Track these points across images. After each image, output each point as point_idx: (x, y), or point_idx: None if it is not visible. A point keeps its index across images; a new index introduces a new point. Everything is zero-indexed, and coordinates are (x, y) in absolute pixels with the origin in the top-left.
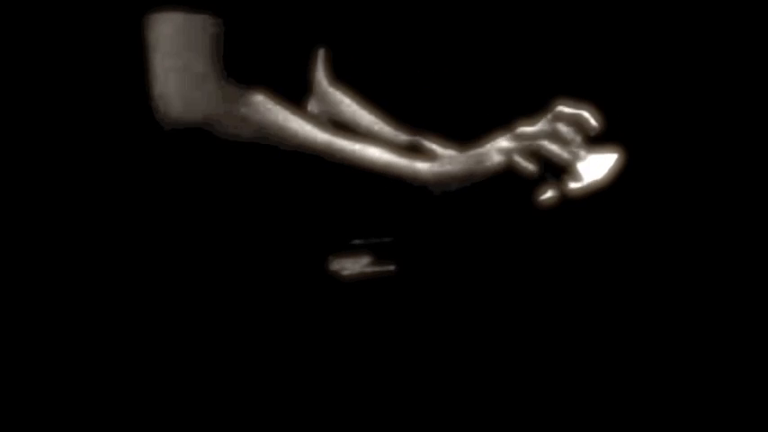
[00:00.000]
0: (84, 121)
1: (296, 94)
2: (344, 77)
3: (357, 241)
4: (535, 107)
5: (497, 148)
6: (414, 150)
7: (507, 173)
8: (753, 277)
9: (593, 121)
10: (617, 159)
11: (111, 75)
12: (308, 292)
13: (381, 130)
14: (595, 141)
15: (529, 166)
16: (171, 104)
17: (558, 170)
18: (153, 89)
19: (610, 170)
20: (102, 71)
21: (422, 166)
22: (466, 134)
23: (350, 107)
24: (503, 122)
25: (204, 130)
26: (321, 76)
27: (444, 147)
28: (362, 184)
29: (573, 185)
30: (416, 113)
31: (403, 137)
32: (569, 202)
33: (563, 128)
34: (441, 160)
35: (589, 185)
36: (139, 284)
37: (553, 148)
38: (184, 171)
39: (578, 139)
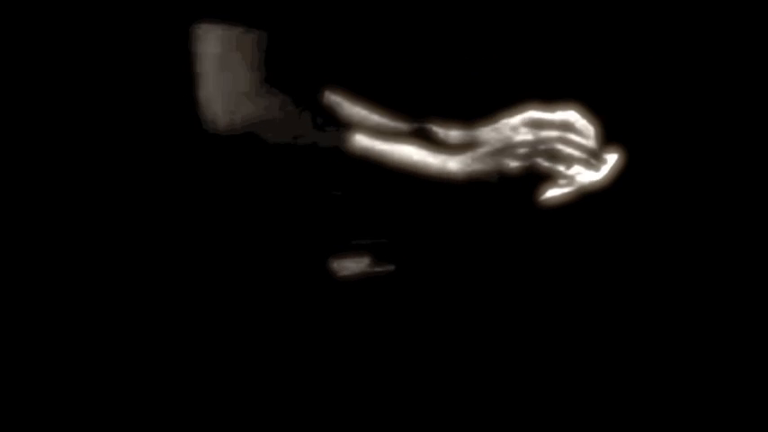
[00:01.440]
0: (130, 122)
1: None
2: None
3: (357, 241)
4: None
5: (518, 144)
6: (421, 136)
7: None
8: (753, 277)
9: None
10: (617, 159)
11: (158, 80)
12: (310, 290)
13: (388, 124)
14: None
15: (552, 166)
16: (216, 114)
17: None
18: (200, 98)
19: (610, 170)
20: (151, 77)
21: (453, 164)
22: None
23: (353, 110)
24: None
25: (246, 135)
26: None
27: (447, 128)
28: (388, 182)
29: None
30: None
31: (409, 126)
32: (569, 202)
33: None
34: (470, 158)
35: (589, 185)
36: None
37: (569, 151)
38: (215, 168)
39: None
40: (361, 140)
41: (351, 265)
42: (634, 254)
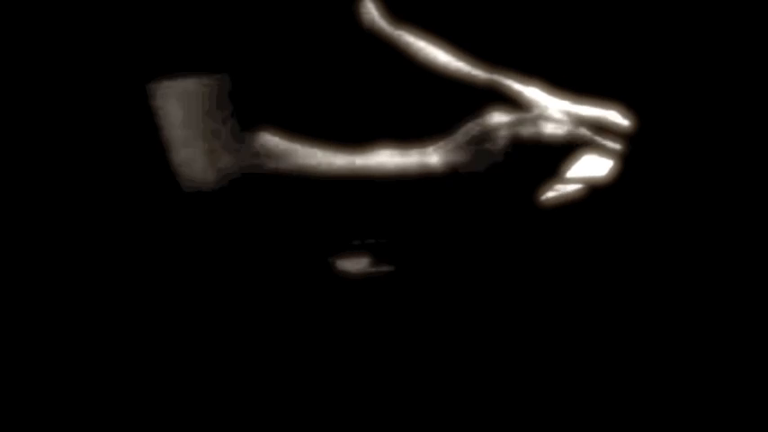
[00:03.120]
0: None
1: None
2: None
3: (357, 241)
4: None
5: (498, 126)
6: (493, 90)
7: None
8: (753, 277)
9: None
10: (617, 159)
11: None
12: (311, 292)
13: (458, 68)
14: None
15: (540, 131)
16: (197, 171)
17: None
18: (172, 156)
19: (610, 170)
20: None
21: (432, 159)
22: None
23: (424, 48)
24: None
25: (228, 181)
26: (380, 22)
27: (522, 83)
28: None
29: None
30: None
31: (480, 75)
32: (569, 202)
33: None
34: (446, 149)
35: (589, 185)
36: (144, 284)
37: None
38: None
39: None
40: (338, 159)
41: (351, 265)
42: (634, 253)
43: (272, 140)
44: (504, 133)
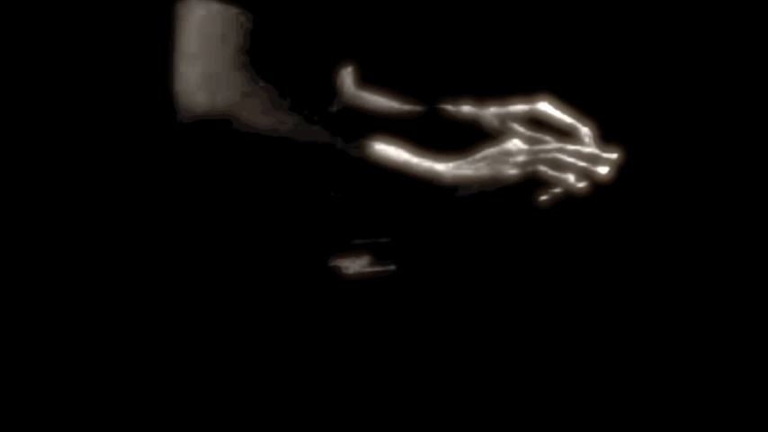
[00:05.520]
0: (104, 114)
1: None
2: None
3: (357, 241)
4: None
5: (515, 152)
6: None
7: (528, 180)
8: (753, 277)
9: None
10: (617, 159)
11: (134, 68)
12: (311, 290)
13: (406, 109)
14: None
15: (558, 175)
16: (194, 93)
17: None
18: (176, 77)
19: (610, 170)
20: (129, 64)
21: (442, 168)
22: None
23: (375, 101)
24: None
25: (223, 120)
26: (348, 84)
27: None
28: (379, 182)
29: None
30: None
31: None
32: (569, 202)
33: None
34: (461, 163)
35: (589, 185)
36: (144, 279)
37: (572, 160)
38: (198, 162)
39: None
40: (347, 138)
41: (351, 265)
42: (634, 253)
43: (279, 97)
44: (521, 161)
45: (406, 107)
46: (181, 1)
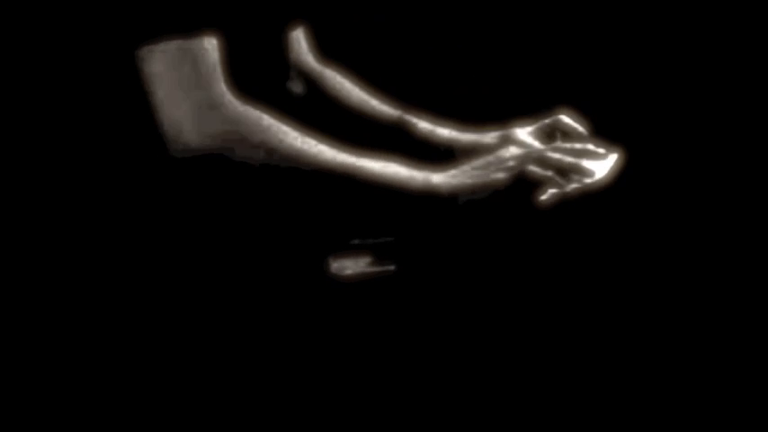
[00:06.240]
0: (91, 149)
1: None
2: (335, 57)
3: (357, 241)
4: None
5: (507, 158)
6: (401, 127)
7: (518, 179)
8: (753, 277)
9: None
10: (617, 159)
11: (112, 108)
12: (309, 293)
13: (372, 108)
14: (595, 141)
15: (543, 172)
16: (184, 132)
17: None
18: (162, 119)
19: (610, 170)
20: (104, 104)
21: (438, 179)
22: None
23: (340, 84)
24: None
25: (217, 154)
26: (305, 53)
27: (434, 124)
28: (376, 199)
29: (574, 185)
30: (407, 93)
31: (391, 113)
32: (569, 202)
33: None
34: (455, 172)
35: (589, 185)
36: (142, 286)
37: (558, 156)
38: (194, 191)
39: (578, 145)
40: (340, 154)
41: (351, 265)
42: (634, 254)
43: (260, 115)
44: (512, 165)
45: (379, 110)
46: (140, 49)
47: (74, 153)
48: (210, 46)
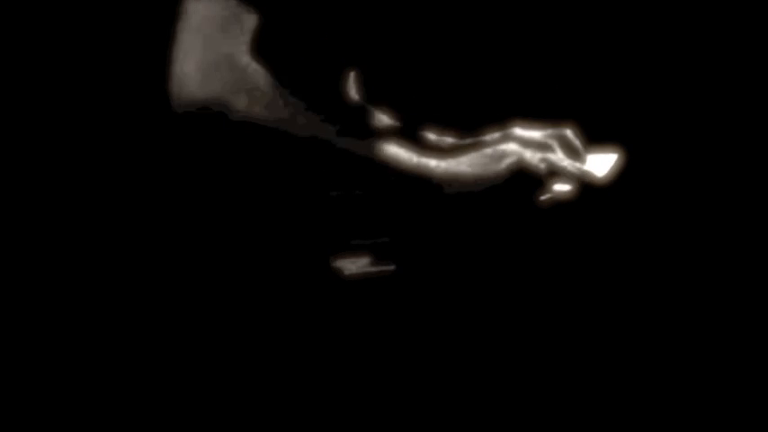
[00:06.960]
0: (98, 106)
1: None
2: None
3: (357, 241)
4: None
5: (507, 152)
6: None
7: (517, 174)
8: (753, 277)
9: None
10: (617, 159)
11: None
12: (310, 290)
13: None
14: (595, 142)
15: (539, 165)
16: (188, 82)
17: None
18: (174, 66)
19: (610, 170)
20: (124, 56)
21: (436, 164)
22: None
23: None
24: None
25: (218, 110)
26: (354, 95)
27: (439, 135)
28: (373, 178)
29: (573, 185)
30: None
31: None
32: (570, 202)
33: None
34: (456, 159)
35: (589, 185)
36: (142, 277)
37: (559, 155)
38: (194, 155)
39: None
40: (341, 131)
41: (351, 265)
42: (634, 253)
43: (275, 88)
44: (511, 159)
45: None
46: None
47: (81, 109)
48: (251, 16)
